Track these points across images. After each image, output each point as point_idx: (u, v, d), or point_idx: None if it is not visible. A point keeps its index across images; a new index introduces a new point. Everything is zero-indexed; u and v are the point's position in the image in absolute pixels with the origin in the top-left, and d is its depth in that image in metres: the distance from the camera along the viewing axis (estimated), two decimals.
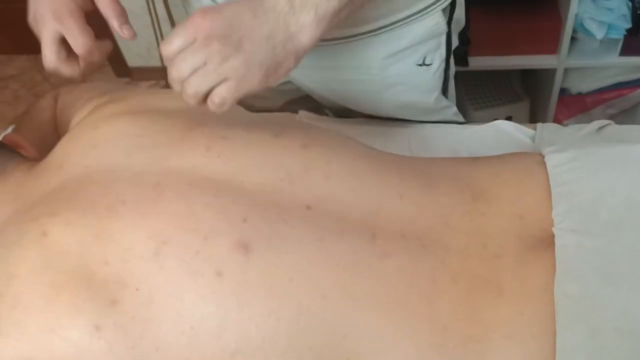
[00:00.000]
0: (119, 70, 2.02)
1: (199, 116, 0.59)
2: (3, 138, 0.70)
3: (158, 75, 1.90)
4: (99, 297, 0.44)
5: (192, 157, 0.51)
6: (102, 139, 0.54)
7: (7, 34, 2.10)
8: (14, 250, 0.47)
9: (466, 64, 1.34)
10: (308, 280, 0.46)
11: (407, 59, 0.72)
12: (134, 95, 0.63)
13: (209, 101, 0.49)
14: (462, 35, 1.30)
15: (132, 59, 1.99)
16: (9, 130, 0.80)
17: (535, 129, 0.74)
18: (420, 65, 0.74)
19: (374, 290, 0.47)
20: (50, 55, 0.53)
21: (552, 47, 1.31)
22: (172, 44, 0.48)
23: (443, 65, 0.76)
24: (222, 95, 0.48)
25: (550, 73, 1.35)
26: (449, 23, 0.71)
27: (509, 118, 1.52)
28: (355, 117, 0.82)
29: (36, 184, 0.55)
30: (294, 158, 0.52)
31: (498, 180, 0.53)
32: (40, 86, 2.04)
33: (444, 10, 0.69)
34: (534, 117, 1.52)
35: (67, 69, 0.54)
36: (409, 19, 0.67)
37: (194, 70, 0.48)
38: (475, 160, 0.58)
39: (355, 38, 0.67)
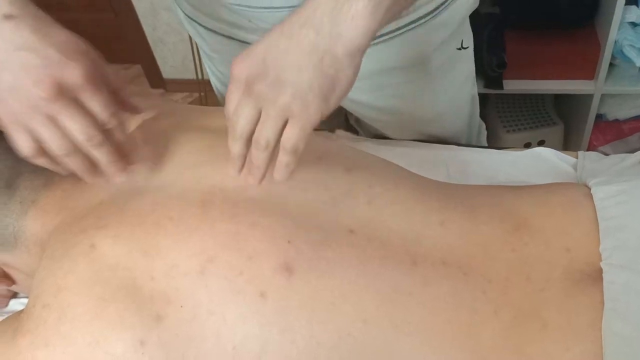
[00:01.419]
0: (154, 81, 2.06)
1: None
2: None
3: (192, 87, 1.93)
4: (144, 312, 0.44)
5: (238, 177, 0.52)
6: (150, 154, 0.55)
7: None
8: (63, 262, 0.48)
9: (501, 86, 1.33)
10: (350, 305, 0.46)
11: (452, 43, 0.72)
12: (181, 111, 0.64)
13: (281, 153, 0.46)
14: (499, 57, 1.30)
15: (167, 71, 2.03)
16: None
17: (576, 156, 0.73)
18: (459, 49, 0.74)
19: (414, 318, 0.47)
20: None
21: (589, 72, 1.30)
22: (230, 103, 0.46)
23: (472, 48, 0.76)
24: (290, 139, 0.44)
25: (586, 98, 1.34)
26: None
27: (541, 142, 1.50)
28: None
29: (83, 196, 0.56)
30: (337, 181, 0.53)
31: (543, 211, 0.52)
32: None
33: None
34: (567, 142, 1.50)
35: None
36: None
37: (253, 124, 0.45)
38: (518, 188, 0.58)
39: (411, 26, 0.65)
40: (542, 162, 0.72)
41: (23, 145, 0.46)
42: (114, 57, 2.34)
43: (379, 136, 0.84)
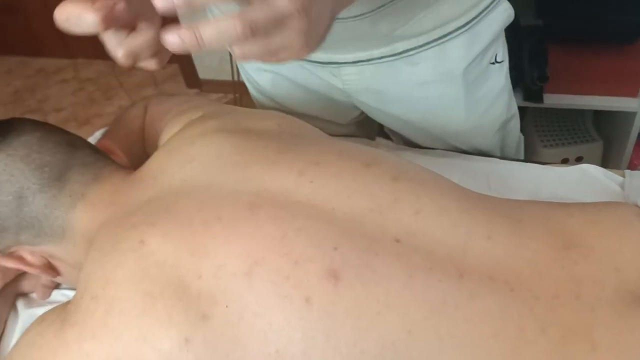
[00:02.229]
0: (190, 81, 2.09)
1: (290, 139, 0.60)
2: (96, 143, 0.73)
3: (227, 88, 1.95)
4: (191, 310, 0.45)
5: (285, 181, 0.52)
6: (198, 154, 0.56)
7: (90, 39, 2.22)
8: (112, 255, 0.49)
9: (541, 100, 1.31)
10: (396, 314, 0.45)
11: (485, 57, 0.71)
12: (227, 113, 0.65)
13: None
14: (540, 70, 1.29)
15: (203, 71, 2.05)
16: (98, 134, 0.84)
17: (622, 175, 0.71)
18: (493, 63, 0.73)
19: (460, 332, 0.46)
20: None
21: (633, 89, 1.27)
22: None
23: (507, 62, 0.75)
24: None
25: (629, 116, 1.31)
26: None
27: (579, 158, 1.47)
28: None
29: (132, 193, 0.57)
30: (384, 189, 0.52)
31: (593, 230, 0.51)
32: (115, 90, 2.13)
33: None
34: (606, 160, 1.47)
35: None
36: (487, 10, 0.66)
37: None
38: (566, 205, 0.57)
39: (443, 40, 0.65)
40: (588, 179, 0.70)
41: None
42: None
43: (416, 145, 0.84)
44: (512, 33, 0.75)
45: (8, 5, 2.21)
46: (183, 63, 2.07)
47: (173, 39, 0.36)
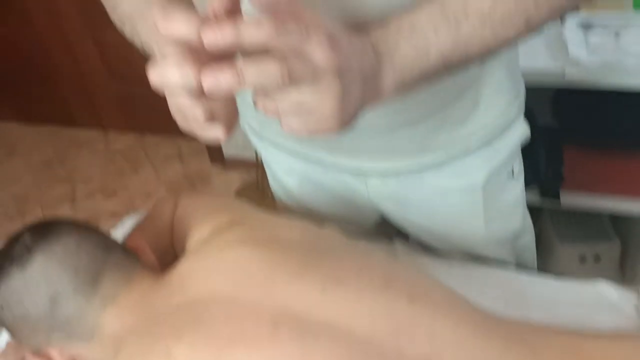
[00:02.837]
0: (215, 156, 2.16)
1: (313, 250, 0.62)
2: (127, 239, 0.76)
3: (250, 167, 2.00)
4: None
5: (308, 298, 0.54)
6: (226, 265, 0.59)
7: (120, 111, 2.32)
8: None
9: (557, 198, 1.33)
10: None
11: (503, 171, 0.75)
12: (255, 220, 0.68)
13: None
14: (556, 171, 1.31)
15: (228, 149, 2.12)
16: (128, 222, 0.87)
17: (637, 291, 0.72)
18: (510, 176, 0.76)
19: None
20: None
21: None
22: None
23: (523, 176, 0.78)
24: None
25: None
26: None
27: (597, 257, 1.47)
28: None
29: (160, 298, 0.59)
30: (401, 312, 0.54)
31: None
32: (142, 163, 2.21)
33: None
34: (624, 261, 1.46)
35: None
36: (506, 127, 0.70)
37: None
38: (582, 335, 0.58)
39: (464, 154, 0.69)
40: (604, 300, 0.71)
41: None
42: (181, 131, 2.45)
43: (433, 249, 0.86)
44: (529, 133, 0.79)
45: (43, 76, 2.33)
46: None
47: (220, 74, 0.37)
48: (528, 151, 0.81)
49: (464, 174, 0.73)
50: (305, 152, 0.75)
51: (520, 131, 0.74)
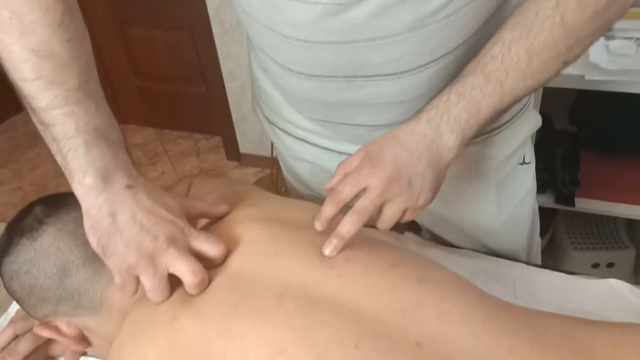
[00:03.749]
0: (231, 153, 2.18)
1: (324, 230, 0.63)
2: None
3: (265, 163, 2.02)
4: None
5: (315, 273, 0.55)
6: (235, 240, 0.59)
7: (143, 108, 2.35)
8: (145, 330, 0.52)
9: (572, 204, 1.32)
10: None
11: (514, 158, 0.75)
12: (265, 201, 0.69)
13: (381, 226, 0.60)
14: (572, 175, 1.30)
15: (244, 145, 2.14)
16: None
17: None
18: (521, 163, 0.76)
19: None
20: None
21: None
22: (343, 193, 0.58)
23: (534, 164, 0.78)
24: (407, 219, 0.59)
25: None
26: None
27: (610, 265, 1.45)
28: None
29: None
30: (408, 291, 0.54)
31: (617, 354, 0.51)
32: (160, 157, 2.23)
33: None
34: (638, 268, 1.44)
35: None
36: (518, 115, 0.71)
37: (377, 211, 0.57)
38: (592, 324, 0.57)
39: (477, 139, 0.69)
40: (616, 295, 0.70)
41: (130, 289, 0.54)
42: (199, 127, 2.50)
43: (444, 242, 0.86)
44: (546, 136, 0.79)
45: None
46: (226, 135, 2.17)
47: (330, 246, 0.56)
48: (545, 155, 0.81)
49: (475, 160, 0.73)
50: (316, 140, 0.76)
51: (533, 120, 0.75)
